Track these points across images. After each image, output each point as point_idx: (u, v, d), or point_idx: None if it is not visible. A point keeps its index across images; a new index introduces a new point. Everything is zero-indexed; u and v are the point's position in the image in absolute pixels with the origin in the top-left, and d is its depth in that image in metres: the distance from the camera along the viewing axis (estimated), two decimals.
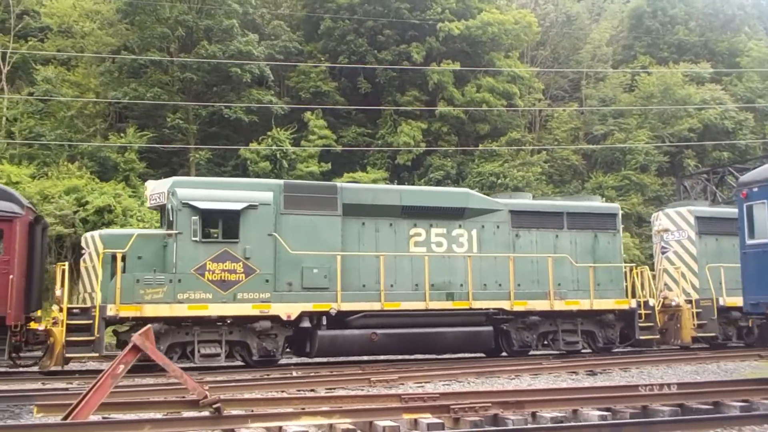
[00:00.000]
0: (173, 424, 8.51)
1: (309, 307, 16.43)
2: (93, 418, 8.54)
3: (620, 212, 20.88)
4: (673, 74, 38.91)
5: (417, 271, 17.69)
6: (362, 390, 12.67)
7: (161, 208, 17.25)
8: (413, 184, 34.32)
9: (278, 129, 33.12)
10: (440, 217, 18.27)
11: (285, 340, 16.69)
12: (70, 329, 15.07)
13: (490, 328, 18.05)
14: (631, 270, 20.02)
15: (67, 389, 12.54)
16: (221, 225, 16.07)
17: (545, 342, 19.24)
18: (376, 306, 17.01)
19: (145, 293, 15.38)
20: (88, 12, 33.91)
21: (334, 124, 36.09)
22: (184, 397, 10.32)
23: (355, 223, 17.57)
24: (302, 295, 16.52)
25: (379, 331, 16.81)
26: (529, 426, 8.73)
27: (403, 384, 13.33)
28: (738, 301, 18.58)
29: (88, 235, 16.45)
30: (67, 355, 15.25)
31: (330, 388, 12.85)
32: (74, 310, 15.41)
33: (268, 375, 14.94)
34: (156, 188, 16.97)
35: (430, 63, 36.39)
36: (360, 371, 15.19)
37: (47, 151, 29.83)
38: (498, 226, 18.93)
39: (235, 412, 9.24)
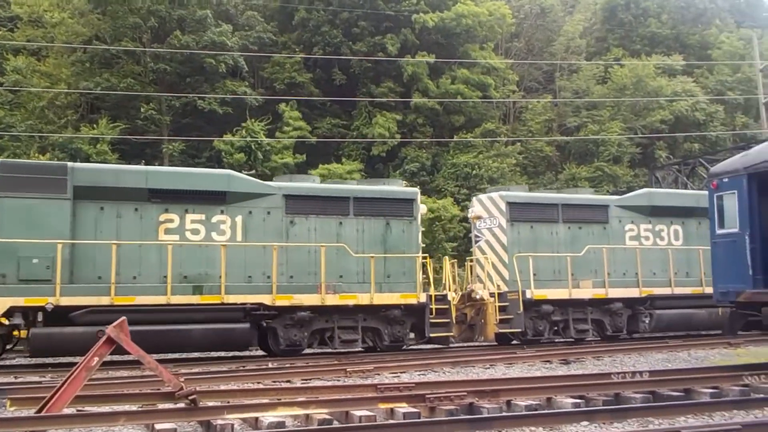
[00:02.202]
0: (148, 416, 8.48)
1: (21, 301, 14.56)
2: (67, 411, 8.47)
3: (419, 197, 19.04)
4: (645, 66, 39.30)
5: (166, 261, 15.73)
6: (338, 381, 12.70)
7: None
8: (388, 176, 34.40)
9: (252, 120, 32.98)
10: (198, 201, 16.38)
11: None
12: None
13: (247, 325, 16.08)
14: (426, 260, 18.67)
15: (40, 382, 12.43)
16: None
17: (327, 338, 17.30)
18: (104, 300, 15.07)
19: None
20: (58, 1, 33.46)
21: (309, 115, 36.00)
22: (159, 390, 10.27)
23: (91, 208, 15.71)
24: (17, 288, 14.64)
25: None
26: (504, 414, 8.80)
27: (378, 374, 13.37)
28: (547, 293, 18.95)
29: None
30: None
31: (306, 379, 12.86)
32: None
33: (243, 367, 14.91)
34: None
35: (404, 54, 36.41)
36: (336, 362, 15.22)
37: (17, 142, 29.45)
38: (269, 212, 17.10)
39: (211, 403, 9.22)
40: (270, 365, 15.03)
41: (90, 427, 8.27)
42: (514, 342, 19.53)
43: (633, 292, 20.06)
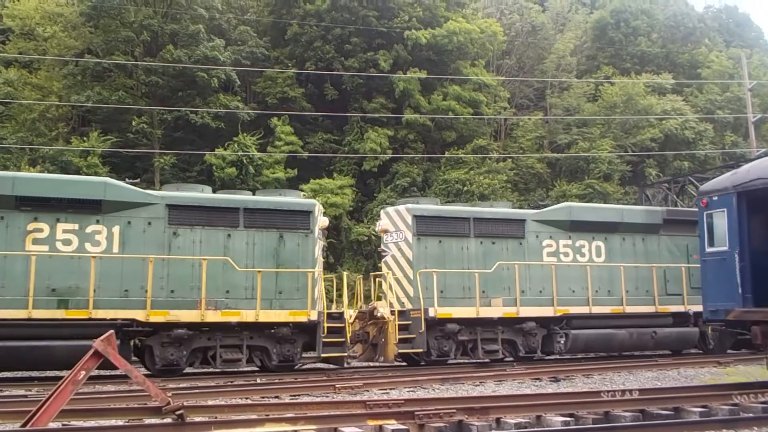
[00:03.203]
0: (135, 431, 8.42)
1: None
2: (53, 425, 8.40)
3: (318, 209, 18.13)
4: (635, 85, 39.55)
5: (34, 273, 14.81)
6: (327, 397, 12.64)
7: None
8: (380, 192, 34.40)
9: (244, 134, 32.97)
10: (71, 210, 15.48)
11: None
12: None
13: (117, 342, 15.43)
14: (317, 276, 17.56)
15: (26, 396, 12.33)
16: None
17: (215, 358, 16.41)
18: None
19: None
20: (50, 14, 33.50)
21: (301, 130, 36.02)
22: (146, 404, 10.20)
23: None
24: None
25: None
26: (494, 431, 8.78)
27: (368, 390, 13.32)
28: (453, 311, 18.03)
29: None
30: None
31: (295, 395, 12.81)
32: None
33: (232, 382, 14.82)
34: None
35: (396, 71, 36.53)
36: (325, 378, 15.15)
37: (8, 154, 29.36)
38: (149, 223, 16.20)
39: (198, 418, 9.17)
40: (259, 380, 14.96)
41: None
42: (423, 363, 18.46)
43: (547, 311, 19.28)
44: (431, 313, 17.83)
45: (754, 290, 12.34)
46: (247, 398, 12.25)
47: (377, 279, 20.07)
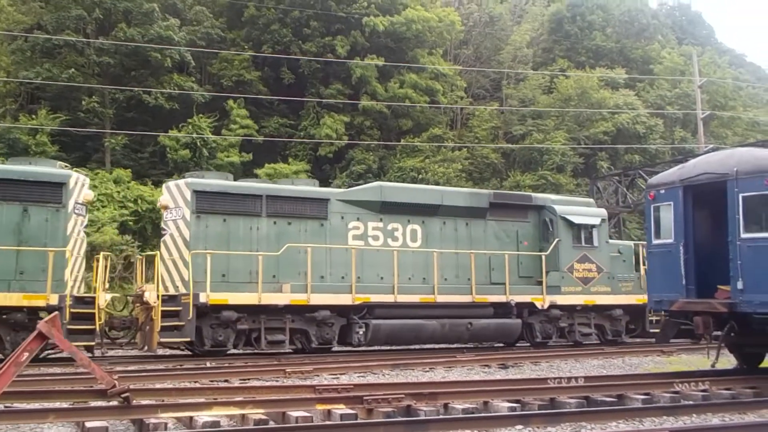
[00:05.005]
0: (79, 414, 8.30)
1: None
2: None
3: (76, 182, 16.25)
4: (589, 78, 40.09)
5: None
6: (277, 381, 12.61)
7: None
8: (335, 178, 34.35)
9: (199, 116, 32.55)
10: None
11: None
12: None
13: None
14: (71, 256, 15.74)
15: None
16: None
17: None
18: None
19: None
20: None
21: (256, 113, 35.71)
22: (92, 387, 10.05)
23: None
24: None
25: None
26: (441, 416, 8.86)
27: (318, 375, 13.33)
28: (229, 297, 16.17)
29: None
30: None
31: (244, 379, 12.75)
32: None
33: (180, 365, 14.70)
34: None
35: (354, 57, 36.42)
36: (276, 362, 15.10)
37: None
38: None
39: (145, 401, 9.07)
40: (208, 364, 14.84)
41: (18, 424, 8.06)
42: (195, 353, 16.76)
43: (345, 299, 17.42)
44: (202, 298, 15.85)
45: (696, 282, 12.65)
46: (195, 382, 12.16)
47: (144, 259, 18.16)
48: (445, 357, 16.53)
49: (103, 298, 15.62)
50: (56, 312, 8.66)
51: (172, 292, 16.47)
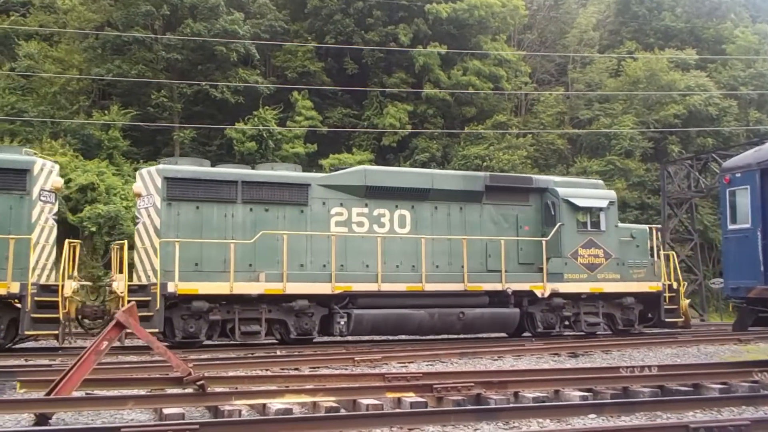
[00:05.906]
0: (157, 401, 8.53)
1: None
2: (76, 394, 8.53)
3: (42, 168, 15.97)
4: (658, 60, 38.97)
5: None
6: (346, 369, 12.72)
7: None
8: (399, 166, 34.33)
9: (264, 109, 32.97)
10: None
11: None
12: None
13: None
14: (36, 245, 15.44)
15: (50, 365, 12.52)
16: None
17: None
18: None
19: None
20: None
21: (320, 104, 35.96)
22: (168, 375, 10.32)
23: None
24: None
25: None
26: (512, 405, 8.79)
27: (387, 364, 13.39)
28: (200, 287, 15.81)
29: None
30: None
31: (314, 368, 12.90)
32: None
33: (252, 354, 14.96)
34: None
35: (417, 45, 36.28)
36: (345, 351, 15.24)
37: (30, 127, 29.53)
38: None
39: (219, 389, 9.26)
40: (279, 353, 15.08)
41: (99, 410, 8.33)
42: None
43: (324, 288, 16.88)
44: (170, 288, 15.51)
45: None
46: (267, 370, 12.36)
47: (115, 248, 17.31)
48: (514, 346, 16.40)
49: (69, 286, 15.13)
50: (133, 302, 8.90)
51: (144, 281, 16.21)
